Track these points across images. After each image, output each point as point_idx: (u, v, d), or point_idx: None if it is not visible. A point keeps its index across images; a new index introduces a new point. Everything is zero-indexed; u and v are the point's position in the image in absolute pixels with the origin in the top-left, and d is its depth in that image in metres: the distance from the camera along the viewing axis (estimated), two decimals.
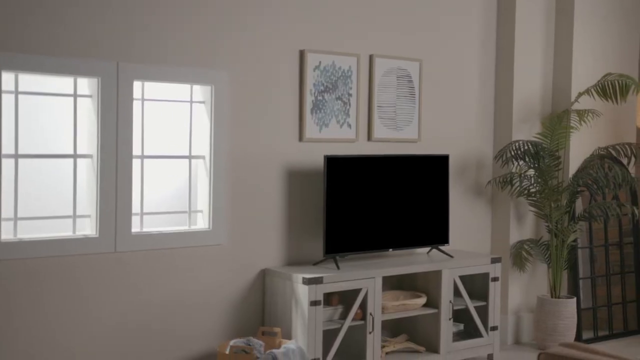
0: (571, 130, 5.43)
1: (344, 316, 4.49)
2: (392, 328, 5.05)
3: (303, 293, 4.21)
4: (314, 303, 4.20)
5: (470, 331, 5.09)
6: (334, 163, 4.51)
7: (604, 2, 5.77)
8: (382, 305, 4.56)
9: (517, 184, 5.31)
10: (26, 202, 3.97)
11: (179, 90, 4.38)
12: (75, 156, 3.95)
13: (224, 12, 4.31)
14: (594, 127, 5.78)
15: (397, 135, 5.05)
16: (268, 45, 4.48)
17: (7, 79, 3.84)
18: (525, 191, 5.31)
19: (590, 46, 5.71)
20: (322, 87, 4.69)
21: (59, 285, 3.85)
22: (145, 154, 4.26)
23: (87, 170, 4.02)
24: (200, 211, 4.37)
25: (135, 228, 4.17)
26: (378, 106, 4.95)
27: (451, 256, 4.95)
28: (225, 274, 4.38)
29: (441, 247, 5.21)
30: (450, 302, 4.81)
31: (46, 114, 4.02)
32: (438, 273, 4.79)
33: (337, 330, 4.42)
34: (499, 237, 5.56)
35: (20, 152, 3.92)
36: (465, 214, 5.46)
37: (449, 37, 5.31)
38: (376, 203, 4.71)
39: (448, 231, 5.02)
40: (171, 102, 4.38)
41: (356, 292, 4.46)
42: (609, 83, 5.13)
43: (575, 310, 5.30)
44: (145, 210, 4.30)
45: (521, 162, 5.43)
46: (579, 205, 5.68)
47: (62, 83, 4.08)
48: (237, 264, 4.42)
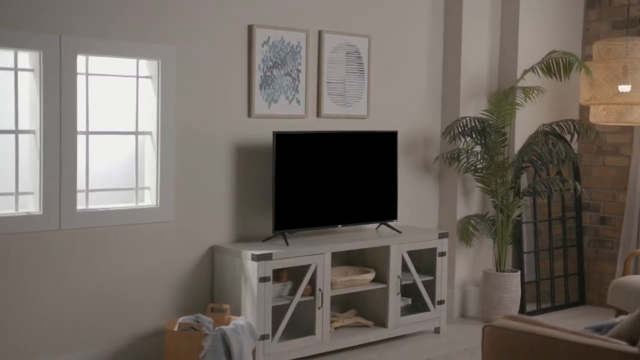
0: (516, 107, 5.51)
1: (293, 292, 4.51)
2: (341, 303, 5.09)
3: (252, 269, 4.20)
4: (263, 279, 4.20)
5: (418, 305, 5.16)
6: (283, 139, 4.49)
7: None
8: (331, 281, 4.59)
9: (464, 160, 5.38)
10: None
11: (125, 65, 4.30)
12: (17, 132, 3.85)
13: None
14: (539, 104, 5.88)
15: (346, 112, 5.05)
16: (216, 19, 4.42)
17: None
18: (472, 167, 5.38)
19: (535, 24, 5.79)
20: (270, 63, 4.65)
21: (0, 264, 3.76)
22: (90, 129, 4.17)
23: (30, 146, 3.92)
24: (148, 188, 4.32)
25: (80, 205, 4.10)
26: (327, 82, 4.94)
27: (399, 232, 5.00)
28: (174, 251, 4.34)
29: (389, 223, 5.26)
30: (398, 277, 4.87)
31: None
32: (386, 248, 4.84)
33: (287, 306, 4.43)
34: (446, 213, 5.63)
35: None
36: (414, 190, 5.51)
37: (398, 14, 5.32)
38: (325, 179, 4.72)
39: (396, 207, 5.06)
40: (117, 77, 4.29)
41: (305, 268, 4.47)
42: (553, 61, 5.22)
43: (519, 283, 5.42)
44: (90, 187, 4.22)
45: (468, 139, 5.50)
46: (524, 181, 5.79)
47: (3, 57, 3.95)
48: (186, 241, 4.38)
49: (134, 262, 4.19)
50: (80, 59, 4.08)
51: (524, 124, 5.78)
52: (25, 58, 3.90)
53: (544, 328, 2.83)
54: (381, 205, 5.00)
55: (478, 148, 5.55)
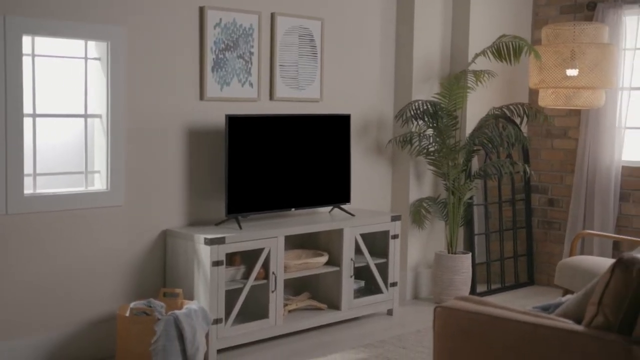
0: (468, 90, 5.56)
1: (246, 276, 4.50)
2: (295, 286, 5.10)
3: (205, 253, 4.18)
4: (216, 263, 4.19)
5: (371, 288, 5.21)
6: (235, 122, 4.46)
7: None
8: (284, 265, 4.59)
9: (417, 143, 5.42)
10: None
11: (73, 46, 4.20)
12: None
13: None
14: (490, 88, 5.95)
15: (299, 95, 5.04)
16: (167, 0, 4.35)
17: None
18: (424, 150, 5.43)
19: (486, 9, 5.84)
20: (223, 45, 4.61)
21: None
22: (37, 112, 4.08)
23: None
24: (98, 172, 4.25)
25: (28, 190, 4.01)
26: (280, 65, 4.92)
27: (352, 215, 5.03)
28: (125, 235, 4.29)
29: (343, 206, 5.28)
30: (351, 259, 4.90)
31: None
32: (340, 232, 4.86)
33: (240, 290, 4.42)
34: (399, 196, 5.68)
35: None
36: (367, 173, 5.54)
37: None
38: (278, 163, 4.70)
39: (349, 190, 5.08)
40: (64, 58, 4.20)
41: (259, 251, 4.46)
42: (504, 45, 5.28)
43: (470, 265, 5.50)
44: (38, 171, 4.14)
45: (420, 122, 5.54)
46: (475, 164, 5.86)
47: None
48: (137, 225, 4.33)
49: (85, 247, 4.13)
50: (26, 39, 3.97)
51: (475, 108, 5.85)
52: None
53: (493, 308, 2.88)
54: (334, 189, 5.01)
55: (430, 131, 5.60)
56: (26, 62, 4.00)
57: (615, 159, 5.71)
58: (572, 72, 5.35)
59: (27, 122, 4.03)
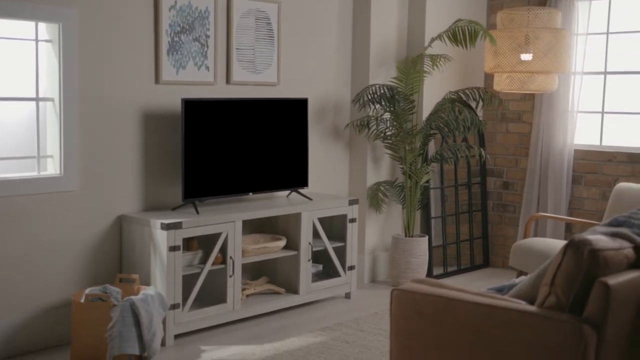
0: (424, 74, 5.59)
1: (204, 261, 4.48)
2: (253, 271, 5.10)
3: (162, 238, 4.14)
4: (172, 248, 4.15)
5: (329, 271, 5.23)
6: (192, 106, 4.42)
7: None
8: (242, 249, 4.58)
9: (374, 127, 5.44)
10: None
11: (24, 27, 4.11)
12: None
13: None
14: (446, 72, 6.00)
15: (256, 79, 5.01)
16: None
17: None
18: (382, 134, 5.45)
19: None
20: (178, 28, 4.55)
21: None
22: None
23: None
24: (51, 156, 4.17)
25: None
26: (237, 49, 4.87)
27: (310, 199, 5.03)
28: (80, 221, 4.22)
29: (300, 190, 5.28)
30: (309, 243, 4.91)
31: None
32: (297, 216, 4.86)
33: (197, 275, 4.40)
34: (356, 180, 5.70)
35: None
36: (324, 157, 5.54)
37: None
38: (236, 147, 4.68)
39: (307, 174, 5.08)
40: (14, 40, 4.10)
41: (216, 236, 4.44)
42: (460, 29, 5.32)
43: (427, 248, 5.56)
44: None
45: (377, 106, 5.56)
46: (432, 148, 5.91)
47: None
48: (92, 210, 4.27)
49: (38, 233, 4.06)
50: None
51: (432, 92, 5.89)
52: None
53: (449, 290, 2.91)
54: (292, 173, 5.01)
55: (387, 115, 5.62)
56: None
57: (568, 142, 5.81)
58: (526, 57, 5.42)
59: None
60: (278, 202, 4.90)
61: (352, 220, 5.16)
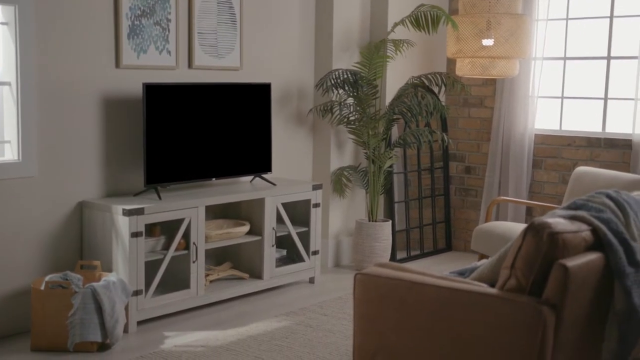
0: (387, 59, 5.61)
1: (166, 247, 4.45)
2: (217, 256, 5.08)
3: (123, 225, 4.10)
4: (135, 234, 4.12)
5: (293, 256, 5.24)
6: (153, 91, 4.37)
7: None
8: (205, 235, 4.56)
9: (337, 112, 5.44)
10: None
11: None
12: None
13: None
14: (409, 57, 6.02)
15: (218, 63, 4.97)
16: None
17: None
18: (345, 119, 5.45)
19: None
20: (138, 12, 4.48)
21: None
22: None
23: None
24: (8, 142, 4.09)
25: None
26: (198, 33, 4.83)
27: (274, 184, 5.02)
28: (39, 207, 4.16)
29: (264, 176, 5.26)
30: (273, 229, 4.90)
31: None
32: (261, 201, 4.85)
33: (160, 261, 4.37)
34: (320, 165, 5.70)
35: None
36: (288, 142, 5.53)
37: None
38: (198, 132, 4.64)
39: (271, 159, 5.07)
40: None
41: (179, 222, 4.41)
42: (422, 14, 5.33)
43: (390, 232, 5.59)
44: None
45: (341, 91, 5.56)
46: (395, 133, 5.94)
47: None
48: (52, 196, 4.21)
49: None
50: None
51: (395, 77, 5.90)
52: None
53: (411, 274, 2.94)
54: (255, 158, 4.99)
55: (350, 100, 5.63)
56: None
57: (529, 127, 5.88)
58: (487, 42, 5.46)
59: None
60: (242, 188, 4.88)
61: (316, 205, 5.17)
